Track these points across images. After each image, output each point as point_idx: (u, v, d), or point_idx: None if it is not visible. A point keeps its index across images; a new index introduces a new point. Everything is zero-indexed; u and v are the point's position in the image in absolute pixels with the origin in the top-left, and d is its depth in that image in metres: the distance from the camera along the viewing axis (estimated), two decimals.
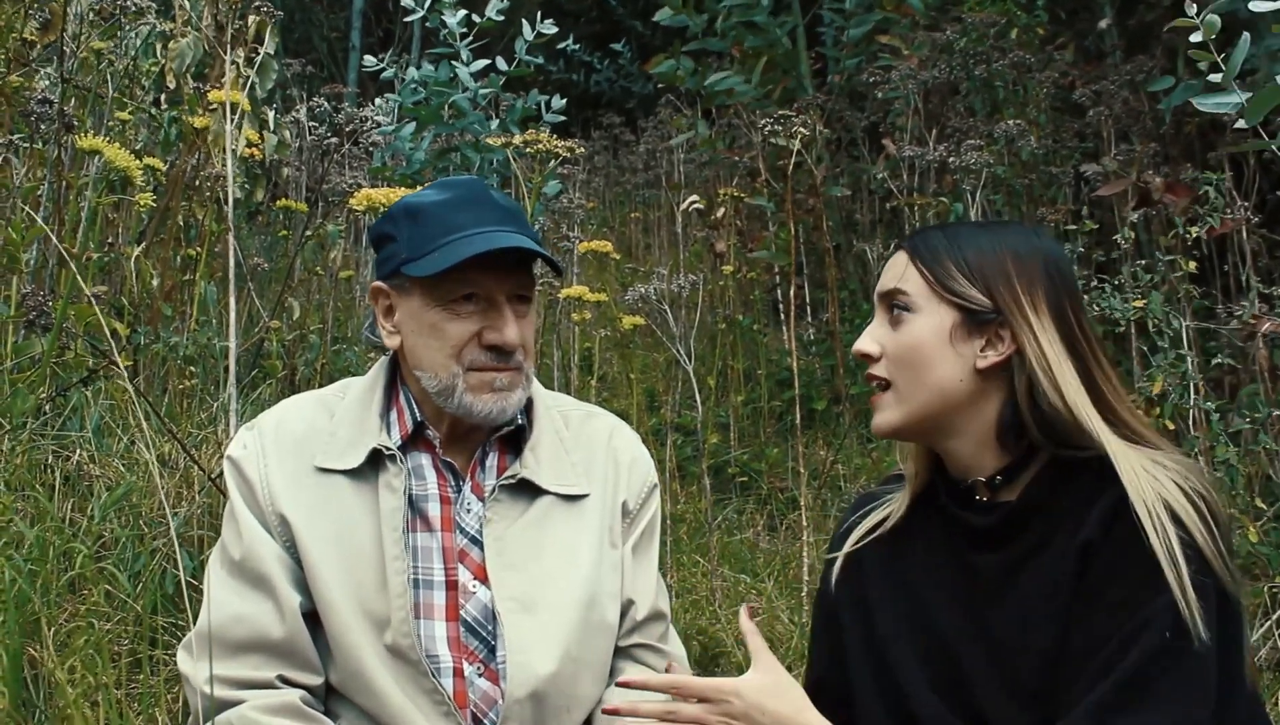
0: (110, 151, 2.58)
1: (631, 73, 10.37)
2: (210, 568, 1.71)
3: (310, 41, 10.62)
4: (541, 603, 1.67)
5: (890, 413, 1.55)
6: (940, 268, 1.52)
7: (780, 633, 3.10)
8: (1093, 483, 1.46)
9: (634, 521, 1.82)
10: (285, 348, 3.78)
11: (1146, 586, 1.38)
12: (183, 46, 3.95)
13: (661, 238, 7.18)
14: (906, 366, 1.53)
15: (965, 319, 1.51)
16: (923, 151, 4.28)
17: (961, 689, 1.49)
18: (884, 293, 1.57)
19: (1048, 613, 1.45)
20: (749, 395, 4.76)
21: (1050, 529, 1.48)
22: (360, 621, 1.62)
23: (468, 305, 1.67)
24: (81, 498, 2.66)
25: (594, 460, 1.80)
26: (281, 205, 4.33)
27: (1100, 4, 5.18)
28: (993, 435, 1.52)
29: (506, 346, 1.68)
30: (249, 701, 1.57)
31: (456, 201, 1.69)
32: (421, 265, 1.66)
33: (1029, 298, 1.49)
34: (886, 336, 1.55)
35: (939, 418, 1.53)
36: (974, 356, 1.50)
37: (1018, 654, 1.46)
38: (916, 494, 1.63)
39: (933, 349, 1.51)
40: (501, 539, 1.69)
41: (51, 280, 3.22)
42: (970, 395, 1.51)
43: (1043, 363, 1.47)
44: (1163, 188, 3.84)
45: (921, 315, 1.52)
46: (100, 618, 2.36)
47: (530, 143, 3.23)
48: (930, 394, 1.52)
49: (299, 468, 1.70)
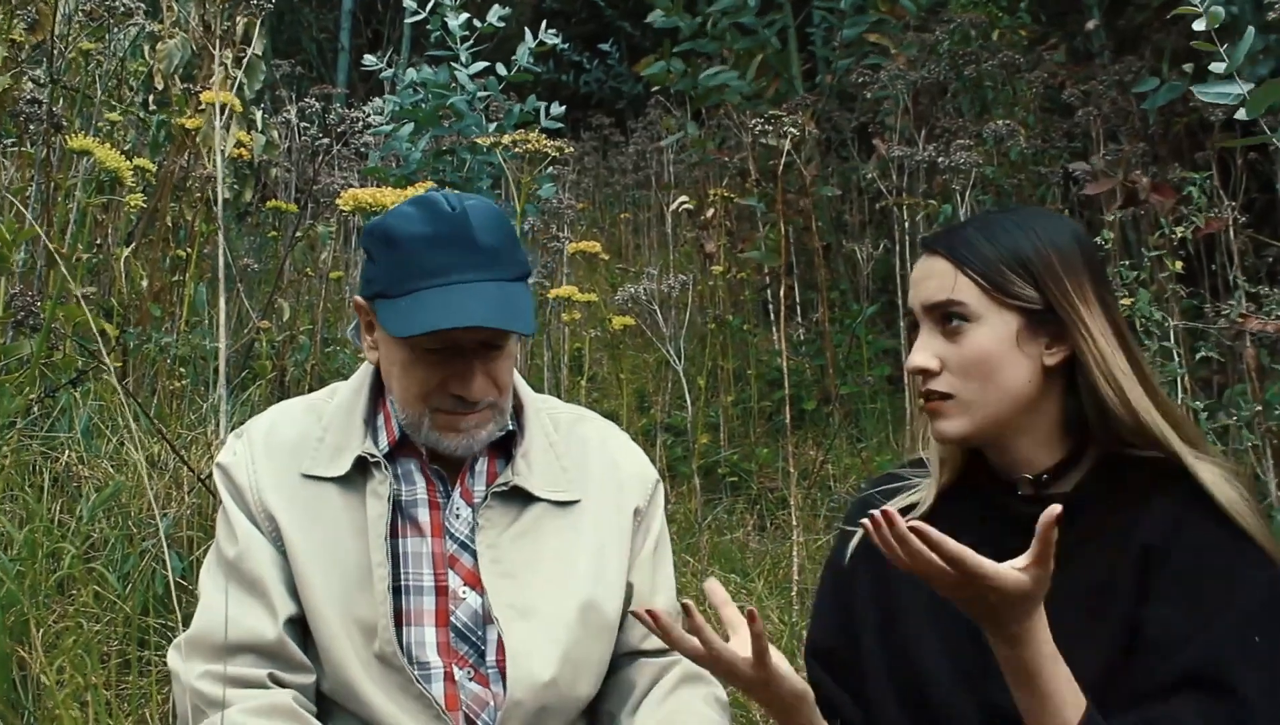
0: (100, 152, 2.57)
1: (621, 73, 10.37)
2: (204, 570, 1.71)
3: (299, 42, 10.60)
4: (539, 609, 1.67)
5: (958, 422, 1.48)
6: (994, 272, 1.46)
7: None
8: (1147, 480, 1.44)
9: (646, 523, 1.81)
10: (275, 349, 3.77)
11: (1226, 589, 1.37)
12: (171, 47, 3.95)
13: (651, 238, 7.18)
14: (974, 378, 1.47)
15: (1028, 321, 1.46)
16: (912, 152, 4.29)
17: (986, 679, 1.45)
18: (933, 305, 1.50)
19: (1099, 604, 1.43)
20: (739, 395, 4.76)
21: (1099, 522, 1.46)
22: (349, 629, 1.62)
23: (434, 355, 1.63)
24: (70, 499, 2.66)
25: (587, 465, 1.79)
26: (271, 206, 4.32)
27: (1089, 5, 5.19)
28: (1055, 432, 1.49)
29: (471, 399, 1.64)
30: (239, 704, 1.56)
31: (436, 238, 1.61)
32: (391, 315, 1.62)
33: (1078, 291, 1.45)
34: (945, 349, 1.49)
35: (1008, 421, 1.48)
36: (1041, 355, 1.46)
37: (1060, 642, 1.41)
38: (946, 486, 1.59)
39: (1002, 357, 1.46)
40: (495, 547, 1.68)
41: (40, 281, 3.21)
42: (1038, 394, 1.47)
43: (1099, 361, 1.43)
44: (1150, 188, 3.85)
45: (984, 324, 1.46)
46: (89, 618, 2.36)
47: (519, 142, 3.23)
48: (1001, 400, 1.47)
49: (288, 475, 1.69)
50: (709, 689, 1.75)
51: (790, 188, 4.97)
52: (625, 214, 7.75)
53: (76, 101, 3.56)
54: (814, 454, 4.27)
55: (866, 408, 4.49)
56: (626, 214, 7.74)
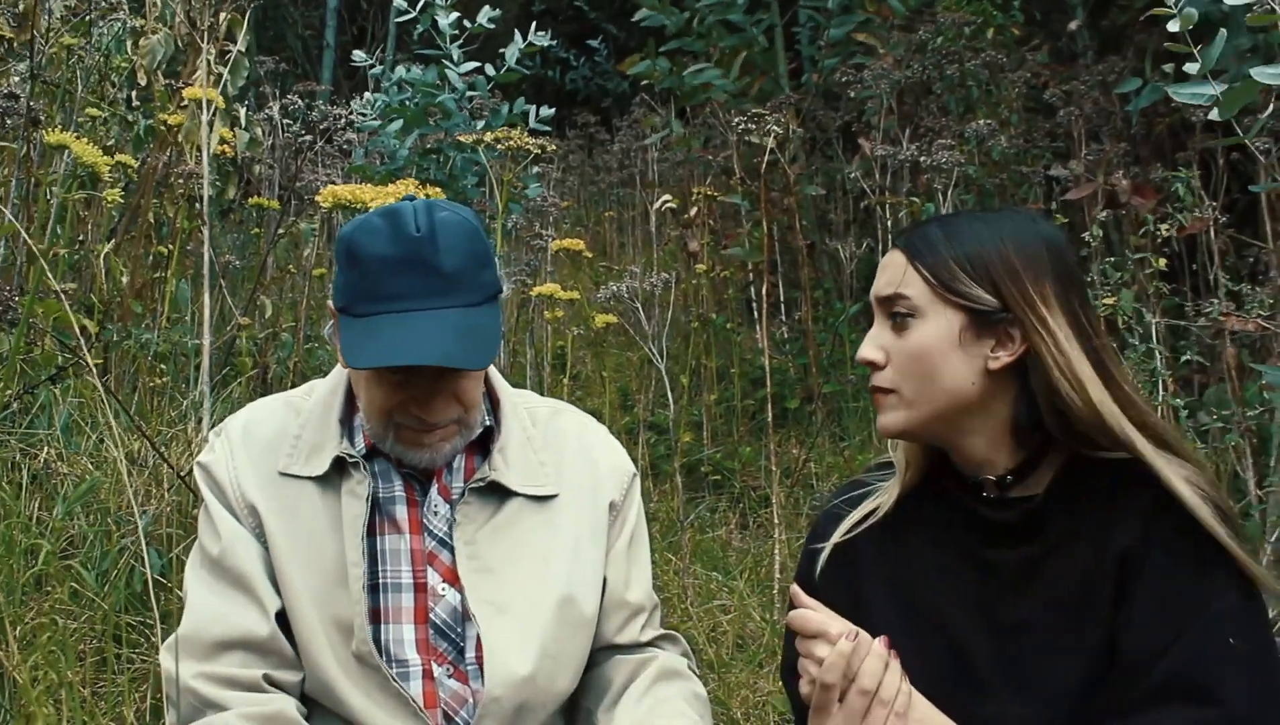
0: (78, 147, 2.56)
1: (607, 71, 10.37)
2: (188, 569, 1.69)
3: (284, 39, 10.57)
4: (516, 604, 1.66)
5: (897, 414, 1.48)
6: (943, 268, 1.44)
7: (752, 630, 3.11)
8: (1118, 482, 1.43)
9: (622, 517, 1.80)
10: (257, 346, 3.76)
11: (1199, 593, 1.37)
12: (154, 43, 3.93)
13: (635, 237, 7.19)
14: (914, 374, 1.46)
15: (973, 320, 1.43)
16: (895, 151, 4.30)
17: (966, 688, 1.44)
18: (884, 297, 1.49)
19: (1076, 611, 1.42)
20: (722, 394, 4.77)
21: (1073, 526, 1.44)
22: (326, 628, 1.61)
23: (395, 376, 1.61)
24: (48, 495, 2.65)
25: (564, 459, 1.79)
26: (254, 203, 4.31)
27: (1073, 5, 5.21)
28: (1007, 433, 1.46)
29: (431, 421, 1.63)
30: (236, 708, 1.55)
31: (396, 262, 1.58)
32: (349, 338, 1.59)
33: (1038, 293, 1.42)
34: (890, 343, 1.48)
35: (950, 419, 1.46)
36: (985, 358, 1.43)
37: (1039, 651, 1.42)
38: (910, 486, 1.57)
39: (941, 355, 1.44)
40: (473, 543, 1.68)
41: (20, 277, 3.20)
42: (982, 396, 1.45)
43: (1060, 362, 1.40)
44: (1130, 190, 3.87)
45: (927, 320, 1.45)
46: (66, 616, 2.35)
47: (503, 140, 3.23)
48: (940, 398, 1.45)
49: (267, 472, 1.68)
50: (687, 685, 1.75)
51: (774, 186, 4.98)
52: (609, 212, 7.75)
53: (58, 97, 3.54)
54: (796, 452, 4.28)
55: (849, 406, 4.50)
56: (611, 212, 7.74)
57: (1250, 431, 3.15)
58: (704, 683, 1.81)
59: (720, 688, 2.81)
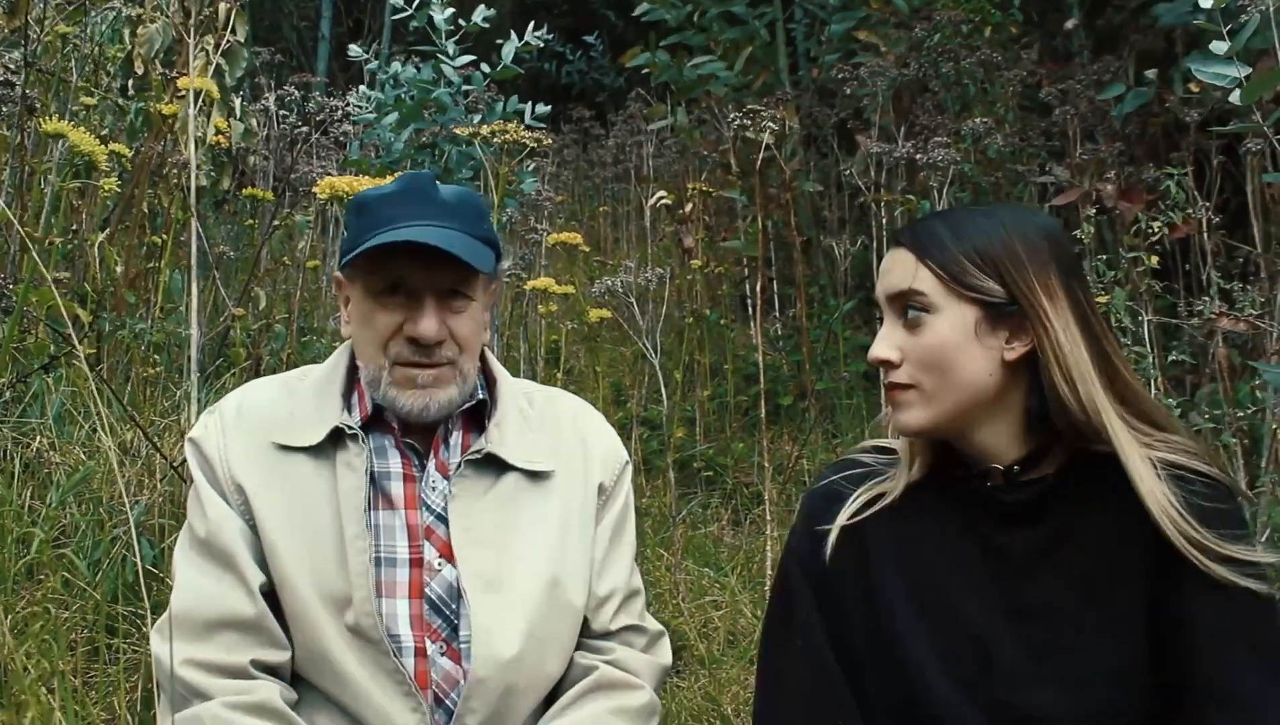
0: (75, 135, 2.56)
1: (603, 65, 10.36)
2: (178, 550, 1.70)
3: (279, 30, 10.56)
4: (507, 581, 1.66)
5: (917, 412, 1.48)
6: (953, 263, 1.45)
7: (743, 627, 3.12)
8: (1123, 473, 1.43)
9: (610, 500, 1.81)
10: (251, 337, 3.76)
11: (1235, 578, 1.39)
12: (151, 32, 3.93)
13: (630, 232, 7.18)
14: (933, 369, 1.46)
15: (987, 313, 1.45)
16: (891, 148, 4.30)
17: (982, 672, 1.44)
18: (895, 295, 1.50)
19: (1100, 590, 1.43)
20: (715, 390, 4.77)
21: (1086, 506, 1.45)
22: (319, 600, 1.61)
23: (394, 297, 1.66)
24: (41, 485, 2.64)
25: (559, 440, 1.80)
26: (248, 194, 4.31)
27: (1069, 4, 5.21)
28: (1020, 425, 1.48)
29: (423, 340, 1.65)
30: (221, 698, 1.55)
31: (397, 195, 1.68)
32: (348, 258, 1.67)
33: (1043, 284, 1.44)
34: (905, 340, 1.48)
35: (970, 413, 1.47)
36: (1001, 348, 1.45)
37: (1062, 633, 1.43)
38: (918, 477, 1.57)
39: (958, 348, 1.45)
40: (468, 515, 1.69)
41: (14, 266, 3.19)
42: (999, 388, 1.46)
43: (1058, 354, 1.42)
44: (1116, 195, 3.87)
45: (942, 315, 1.46)
46: (58, 605, 2.35)
47: (498, 133, 3.22)
48: (960, 392, 1.46)
49: (259, 447, 1.69)
50: (623, 698, 1.71)
51: (771, 182, 4.98)
52: (604, 207, 7.75)
53: (53, 85, 3.53)
54: (789, 449, 4.29)
55: (842, 403, 4.50)
56: (605, 207, 7.74)
57: (1242, 432, 3.16)
58: (695, 679, 1.81)
59: (711, 684, 2.81)
